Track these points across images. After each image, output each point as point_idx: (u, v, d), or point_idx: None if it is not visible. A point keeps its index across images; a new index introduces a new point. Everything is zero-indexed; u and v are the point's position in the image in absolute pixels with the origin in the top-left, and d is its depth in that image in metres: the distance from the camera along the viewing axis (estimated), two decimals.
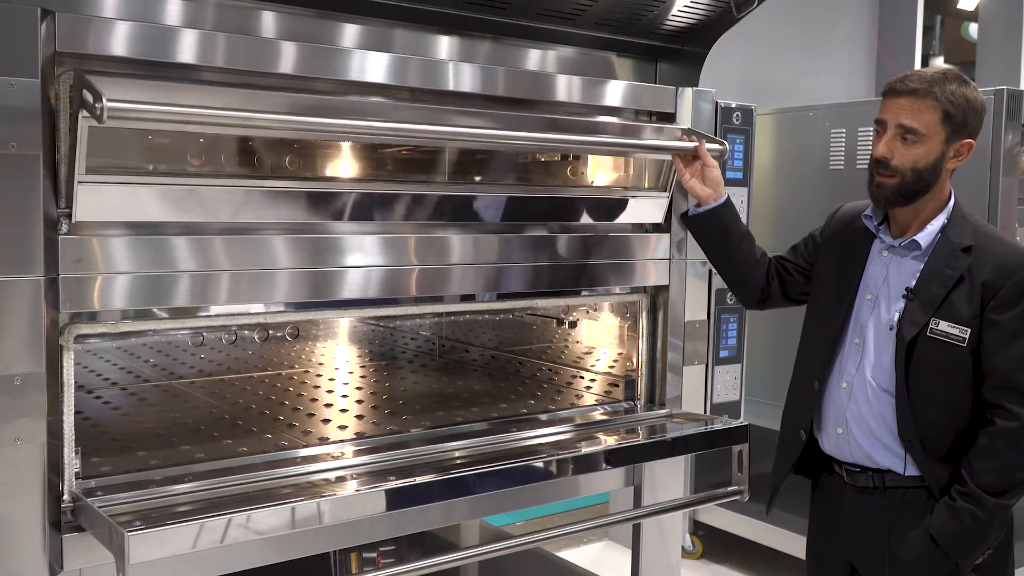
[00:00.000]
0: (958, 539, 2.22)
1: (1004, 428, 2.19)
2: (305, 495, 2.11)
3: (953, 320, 2.22)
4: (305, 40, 2.41)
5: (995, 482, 2.19)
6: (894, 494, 2.32)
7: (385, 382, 3.38)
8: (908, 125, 2.23)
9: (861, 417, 2.35)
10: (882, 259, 2.39)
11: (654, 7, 2.92)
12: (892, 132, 2.25)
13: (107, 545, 1.89)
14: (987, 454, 2.20)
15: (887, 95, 2.31)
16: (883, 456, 2.33)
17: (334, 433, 2.65)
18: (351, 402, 3.06)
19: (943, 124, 2.23)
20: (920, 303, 2.26)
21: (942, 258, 2.27)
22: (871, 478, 2.35)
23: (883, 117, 2.29)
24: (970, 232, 2.29)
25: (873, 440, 2.34)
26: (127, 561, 1.78)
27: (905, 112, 2.24)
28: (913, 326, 2.25)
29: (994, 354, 2.20)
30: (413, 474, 2.25)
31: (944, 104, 2.22)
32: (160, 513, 1.95)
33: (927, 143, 2.24)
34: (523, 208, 2.78)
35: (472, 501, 2.55)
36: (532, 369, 3.49)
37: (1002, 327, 2.20)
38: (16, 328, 1.96)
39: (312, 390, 3.24)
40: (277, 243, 2.33)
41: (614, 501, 4.91)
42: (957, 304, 2.23)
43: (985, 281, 2.21)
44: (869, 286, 2.39)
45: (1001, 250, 2.25)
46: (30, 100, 1.93)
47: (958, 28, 9.53)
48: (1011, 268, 2.22)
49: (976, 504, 2.19)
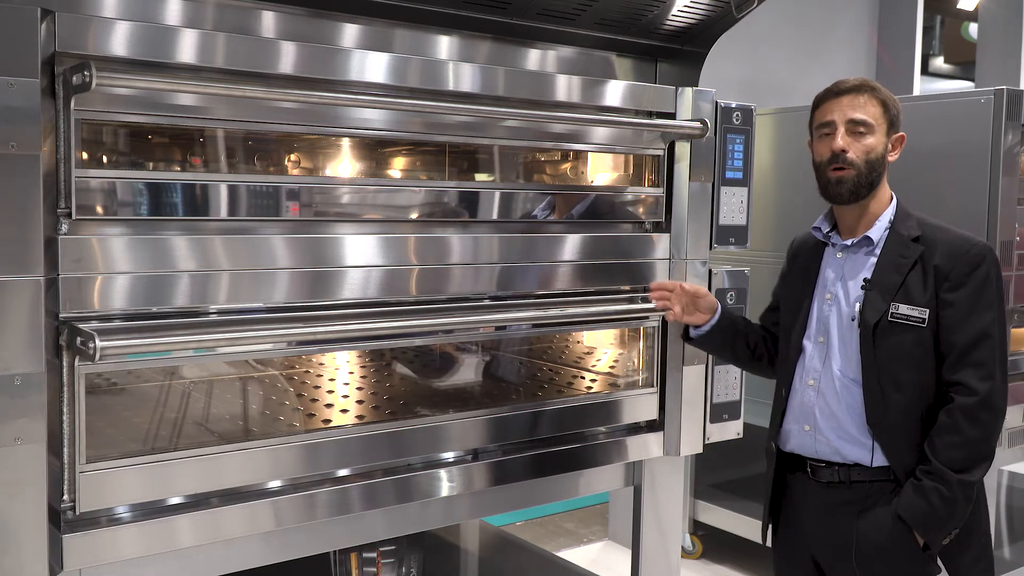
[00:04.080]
0: (925, 517, 2.27)
1: (963, 404, 2.26)
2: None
3: (911, 303, 2.33)
4: (305, 40, 2.41)
5: (958, 458, 2.25)
6: (860, 488, 2.38)
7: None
8: (858, 118, 2.37)
9: (830, 412, 2.42)
10: (837, 260, 2.49)
11: (654, 7, 2.92)
12: (843, 128, 2.38)
13: None
14: (948, 431, 2.27)
15: (825, 99, 2.44)
16: (851, 450, 2.39)
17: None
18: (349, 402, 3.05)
19: (884, 116, 2.40)
20: (879, 291, 2.37)
21: (894, 249, 2.39)
22: (837, 473, 2.40)
23: (830, 118, 2.41)
24: (916, 224, 2.42)
25: (841, 433, 2.40)
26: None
27: (852, 107, 2.38)
28: (875, 312, 2.35)
29: (952, 332, 2.30)
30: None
31: (881, 97, 2.40)
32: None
33: (875, 134, 2.38)
34: (521, 207, 2.79)
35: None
36: (532, 369, 3.49)
37: (956, 306, 2.30)
38: (16, 328, 1.96)
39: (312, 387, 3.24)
40: (277, 243, 2.33)
41: (614, 501, 4.92)
42: (913, 288, 2.34)
43: (936, 265, 2.33)
44: (827, 286, 2.49)
45: (947, 237, 2.37)
46: (30, 100, 1.93)
47: (958, 28, 9.54)
48: (959, 252, 2.33)
49: (941, 481, 2.25)
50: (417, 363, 3.68)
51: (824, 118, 2.42)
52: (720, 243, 3.13)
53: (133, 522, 2.18)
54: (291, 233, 2.38)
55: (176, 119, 2.22)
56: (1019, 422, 3.81)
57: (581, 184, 3.28)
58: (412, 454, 2.61)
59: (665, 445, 3.12)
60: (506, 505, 2.94)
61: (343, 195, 2.55)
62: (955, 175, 3.71)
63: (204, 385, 3.15)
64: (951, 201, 3.70)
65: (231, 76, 2.23)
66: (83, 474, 2.11)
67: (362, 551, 3.15)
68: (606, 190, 3.13)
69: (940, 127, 3.79)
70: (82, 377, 2.09)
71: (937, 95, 4.28)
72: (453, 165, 3.15)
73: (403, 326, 2.48)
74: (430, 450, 2.64)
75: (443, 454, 2.69)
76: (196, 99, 2.20)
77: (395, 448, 2.57)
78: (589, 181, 3.28)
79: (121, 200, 2.14)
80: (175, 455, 2.27)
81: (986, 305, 2.30)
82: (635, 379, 3.18)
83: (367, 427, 2.58)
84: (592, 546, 4.94)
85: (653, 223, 3.07)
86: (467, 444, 2.72)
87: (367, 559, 3.17)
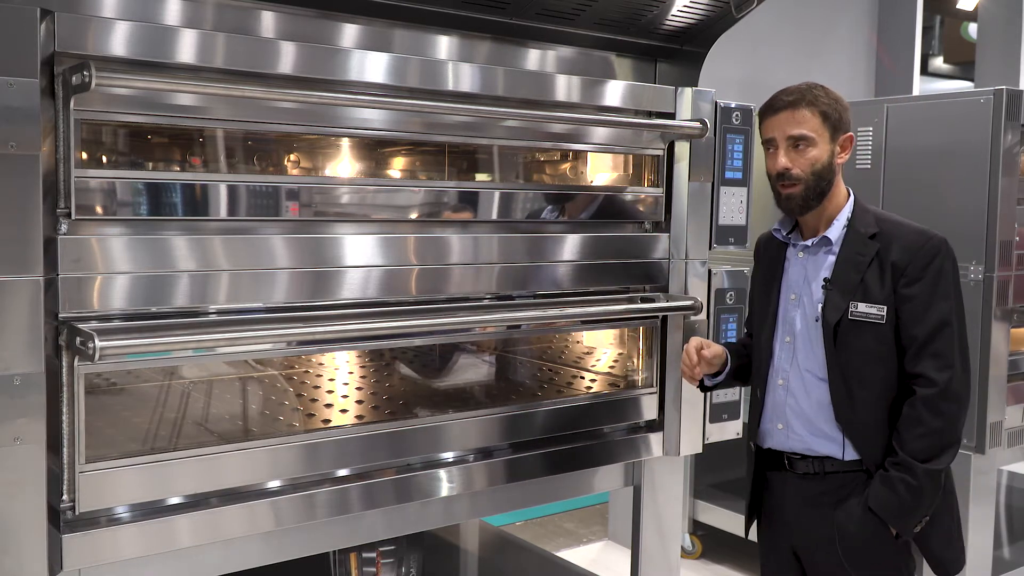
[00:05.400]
0: (894, 507, 2.33)
1: (924, 395, 2.32)
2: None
3: (870, 301, 2.37)
4: (305, 40, 2.41)
5: (923, 448, 2.31)
6: (834, 478, 2.43)
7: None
8: (796, 134, 2.39)
9: (800, 409, 2.47)
10: (799, 260, 2.53)
11: (654, 7, 2.92)
12: (784, 145, 2.41)
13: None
14: (912, 422, 2.32)
15: (765, 115, 2.46)
16: (822, 445, 2.44)
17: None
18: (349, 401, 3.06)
19: (824, 125, 2.40)
20: (839, 290, 2.40)
21: (852, 247, 2.42)
22: (811, 464, 2.46)
23: (771, 135, 2.43)
24: (873, 221, 2.45)
25: (813, 429, 2.45)
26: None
27: (789, 123, 2.40)
28: (835, 311, 2.39)
29: (912, 326, 2.35)
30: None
31: (820, 107, 2.40)
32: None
33: (817, 145, 2.39)
34: (521, 207, 2.79)
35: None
36: (532, 369, 3.49)
37: (915, 300, 2.35)
38: (16, 328, 1.96)
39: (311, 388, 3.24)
40: (277, 243, 2.33)
41: (614, 501, 4.92)
42: (872, 286, 2.38)
43: (894, 262, 2.37)
44: (792, 287, 2.53)
45: (902, 232, 2.41)
46: (30, 100, 1.93)
47: (957, 28, 9.54)
48: (914, 246, 2.37)
49: (907, 472, 2.31)
50: (417, 363, 3.68)
51: (766, 135, 2.45)
52: (720, 243, 3.13)
53: (133, 522, 2.18)
54: (291, 233, 2.38)
55: (175, 119, 2.22)
56: (1019, 422, 3.81)
57: (581, 184, 3.28)
58: (412, 454, 2.61)
59: (665, 445, 3.12)
60: (506, 505, 2.94)
61: (343, 195, 2.55)
62: (955, 175, 3.71)
63: (204, 385, 3.15)
64: (951, 201, 3.70)
65: (231, 76, 2.23)
66: (82, 474, 2.11)
67: (362, 551, 3.15)
68: (606, 190, 3.13)
69: (940, 127, 3.79)
70: (81, 377, 2.09)
71: (937, 95, 4.28)
72: (453, 165, 3.15)
73: (403, 326, 2.48)
74: (430, 450, 2.65)
75: (443, 454, 2.69)
76: (195, 99, 2.20)
77: (395, 448, 2.57)
78: (589, 181, 3.28)
79: (120, 200, 2.14)
80: (174, 455, 2.27)
81: (942, 296, 2.35)
82: (635, 379, 3.18)
83: (367, 427, 2.58)
84: (592, 546, 4.94)
85: (653, 223, 3.07)
86: (467, 444, 2.72)
87: (367, 559, 3.17)
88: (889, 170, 3.92)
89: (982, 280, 3.62)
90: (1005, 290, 3.67)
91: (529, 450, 2.83)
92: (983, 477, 3.78)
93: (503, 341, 3.57)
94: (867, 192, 3.83)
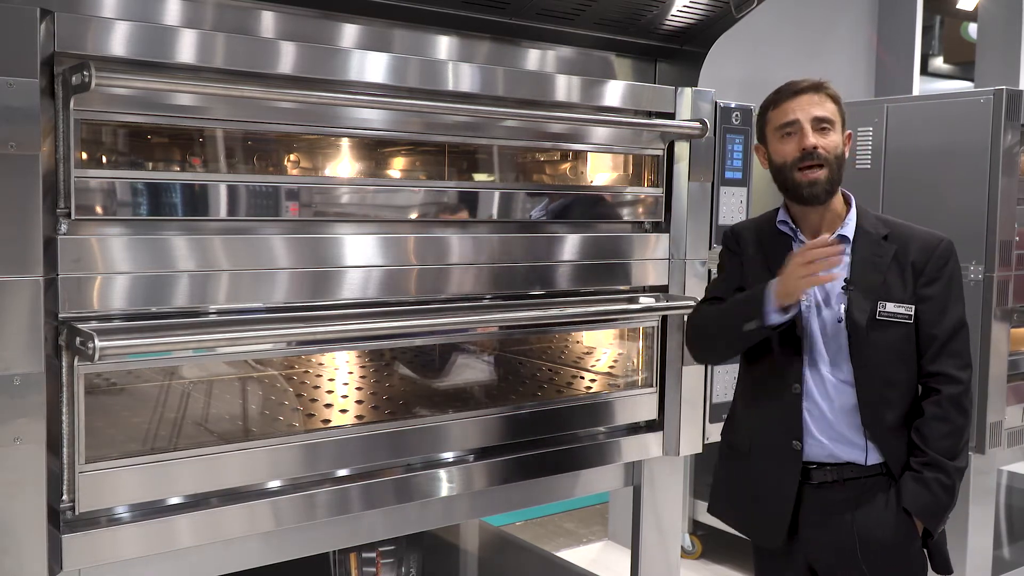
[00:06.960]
0: (931, 507, 2.31)
1: (950, 393, 2.31)
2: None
3: (896, 300, 2.35)
4: (304, 40, 2.41)
5: (950, 446, 2.31)
6: (854, 485, 2.38)
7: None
8: (821, 115, 2.35)
9: (821, 415, 2.37)
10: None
11: (654, 7, 2.92)
12: (809, 125, 2.35)
13: None
14: (939, 420, 2.31)
15: (782, 99, 2.40)
16: (845, 451, 2.37)
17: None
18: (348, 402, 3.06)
19: (839, 114, 2.39)
20: (862, 291, 2.36)
21: (867, 248, 2.39)
22: (829, 472, 2.38)
23: (792, 117, 2.36)
24: (880, 222, 2.43)
25: (834, 435, 2.37)
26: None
27: (814, 105, 2.36)
28: (862, 313, 2.34)
29: (932, 325, 2.34)
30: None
31: (835, 95, 2.40)
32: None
33: (836, 131, 2.37)
34: (521, 207, 2.79)
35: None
36: (532, 369, 3.49)
37: (934, 299, 2.34)
38: (15, 328, 1.96)
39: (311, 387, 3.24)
40: (277, 243, 2.33)
41: (614, 501, 4.92)
42: (894, 286, 2.35)
43: (913, 262, 2.36)
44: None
45: (914, 233, 2.40)
46: (29, 100, 1.93)
47: (957, 28, 9.54)
48: (930, 247, 2.37)
49: (940, 471, 2.30)
50: (417, 363, 3.68)
51: (786, 118, 2.36)
52: (720, 243, 3.13)
53: (132, 522, 2.18)
54: (291, 233, 2.38)
55: (175, 119, 2.23)
56: (1019, 422, 3.81)
57: (581, 184, 3.28)
58: (411, 454, 2.61)
59: (664, 445, 3.12)
60: (506, 505, 2.94)
61: (343, 195, 2.55)
62: (955, 175, 3.71)
63: (204, 385, 3.15)
64: (951, 201, 3.70)
65: (230, 76, 2.23)
66: (82, 474, 2.11)
67: (361, 551, 3.15)
68: (606, 190, 3.13)
69: (940, 127, 3.79)
70: (81, 377, 2.09)
71: (937, 95, 4.28)
72: (452, 165, 3.15)
73: (403, 326, 2.48)
74: (429, 450, 2.65)
75: (442, 454, 2.69)
76: (195, 99, 2.20)
77: (395, 448, 2.57)
78: (589, 181, 3.28)
79: (120, 200, 2.14)
80: (174, 455, 2.27)
81: (957, 297, 2.37)
82: (634, 379, 3.18)
83: (367, 427, 2.58)
84: (592, 546, 4.94)
85: (652, 223, 3.07)
86: (466, 444, 2.72)
87: (366, 559, 3.17)
88: (889, 170, 3.92)
89: (982, 280, 3.63)
90: (1005, 290, 3.67)
91: (529, 450, 2.83)
92: (983, 477, 3.78)
93: (503, 341, 3.56)
94: (867, 192, 3.84)
